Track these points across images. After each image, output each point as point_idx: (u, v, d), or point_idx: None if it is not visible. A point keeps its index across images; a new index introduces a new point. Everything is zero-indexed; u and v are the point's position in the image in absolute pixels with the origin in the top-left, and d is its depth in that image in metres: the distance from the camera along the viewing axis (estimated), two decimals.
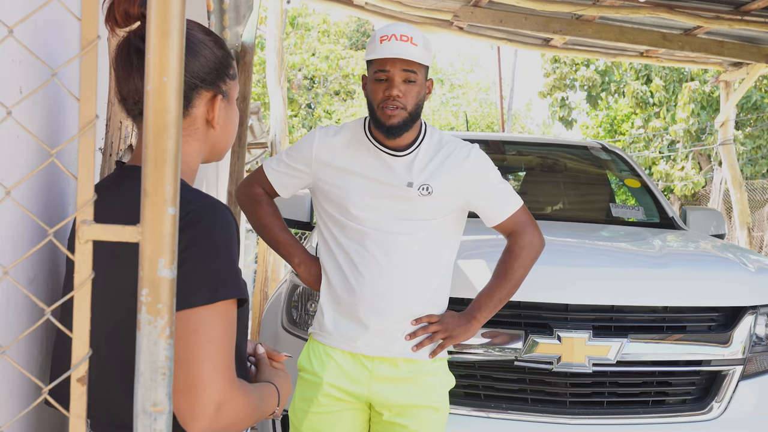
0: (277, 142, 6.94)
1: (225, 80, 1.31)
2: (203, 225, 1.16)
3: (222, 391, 1.11)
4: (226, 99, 1.32)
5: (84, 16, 0.82)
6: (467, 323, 2.14)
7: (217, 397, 1.11)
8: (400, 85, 2.02)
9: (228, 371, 1.13)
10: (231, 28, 4.98)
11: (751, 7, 5.64)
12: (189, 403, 1.10)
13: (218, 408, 1.11)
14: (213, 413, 1.11)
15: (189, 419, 1.10)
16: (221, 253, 1.16)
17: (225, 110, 1.32)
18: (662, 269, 2.67)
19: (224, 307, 1.14)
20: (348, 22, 21.11)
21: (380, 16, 6.65)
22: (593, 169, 4.48)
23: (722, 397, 2.49)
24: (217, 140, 1.34)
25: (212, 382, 1.10)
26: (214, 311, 1.13)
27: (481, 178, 2.14)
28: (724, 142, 8.42)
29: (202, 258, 1.14)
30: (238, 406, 1.15)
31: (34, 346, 1.26)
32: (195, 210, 1.16)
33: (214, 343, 1.12)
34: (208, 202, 1.19)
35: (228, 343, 1.15)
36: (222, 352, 1.13)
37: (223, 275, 1.15)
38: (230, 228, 1.19)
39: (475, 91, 25.55)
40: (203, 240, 1.15)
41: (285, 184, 2.21)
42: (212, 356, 1.11)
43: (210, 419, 1.11)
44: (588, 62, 16.79)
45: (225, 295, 1.14)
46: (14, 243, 1.14)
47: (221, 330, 1.13)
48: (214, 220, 1.17)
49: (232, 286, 1.16)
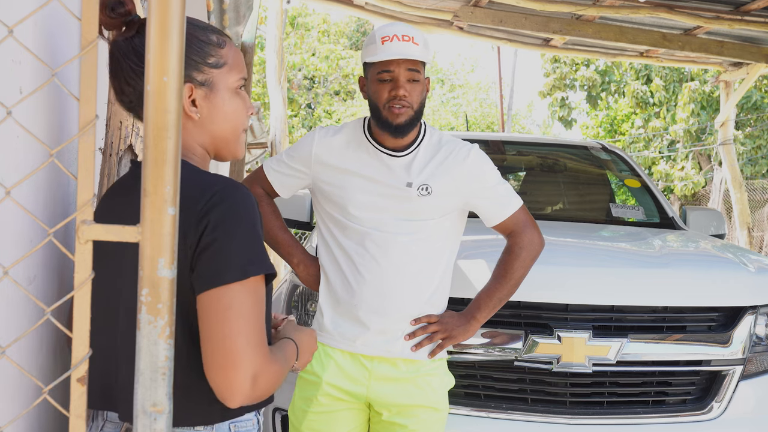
0: (277, 142, 6.94)
1: (201, 69, 1.30)
2: (229, 205, 1.20)
3: (257, 363, 1.16)
4: (206, 88, 1.31)
5: (84, 16, 0.83)
6: (467, 323, 2.14)
7: (253, 369, 1.16)
8: (405, 84, 2.03)
9: (261, 345, 1.18)
10: (231, 28, 4.98)
11: (751, 7, 5.64)
12: (226, 378, 1.15)
13: (254, 380, 1.16)
14: (250, 386, 1.16)
15: (227, 393, 1.16)
16: (249, 231, 1.20)
17: (208, 99, 1.31)
18: (662, 269, 2.67)
19: (255, 283, 1.19)
20: (348, 22, 21.11)
21: (380, 16, 6.65)
22: (593, 169, 4.48)
23: (722, 397, 2.49)
24: (211, 131, 1.33)
25: (247, 356, 1.15)
26: (245, 287, 1.17)
27: (480, 178, 2.14)
28: (724, 142, 8.42)
29: (231, 236, 1.18)
30: (271, 374, 1.20)
31: (34, 346, 1.26)
32: (220, 191, 1.21)
33: (246, 318, 1.16)
34: (231, 182, 1.24)
35: (259, 317, 1.19)
36: (255, 326, 1.17)
37: (251, 252, 1.19)
38: (254, 207, 1.23)
39: (475, 91, 25.55)
40: (230, 219, 1.19)
41: (285, 184, 2.21)
42: (246, 331, 1.16)
43: (247, 391, 1.16)
44: (588, 62, 16.80)
45: (255, 271, 1.18)
46: (14, 243, 1.14)
47: (253, 305, 1.18)
48: (239, 199, 1.21)
49: (261, 263, 1.20)
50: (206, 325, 1.16)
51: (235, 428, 1.29)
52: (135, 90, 1.28)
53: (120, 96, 1.31)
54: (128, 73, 1.27)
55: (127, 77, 1.27)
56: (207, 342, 1.16)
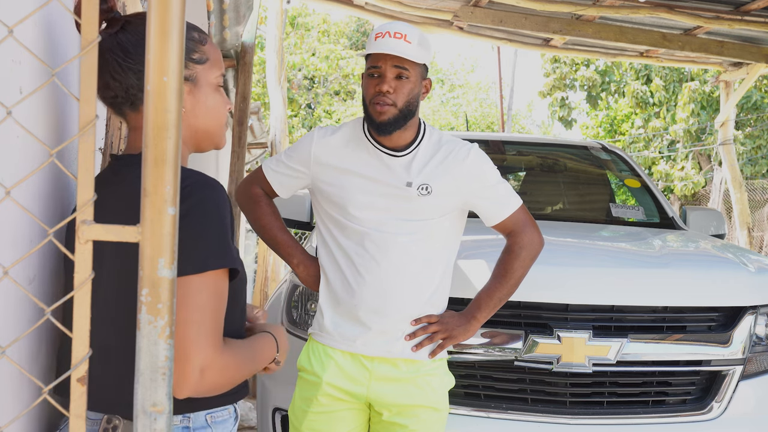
0: (277, 142, 6.94)
1: (186, 65, 1.31)
2: (198, 198, 1.20)
3: (206, 356, 1.16)
4: (191, 83, 1.32)
5: (84, 16, 0.83)
6: (467, 323, 2.13)
7: (202, 362, 1.15)
8: (390, 81, 2.01)
9: (213, 337, 1.17)
10: (231, 28, 4.98)
11: (751, 7, 5.64)
12: (175, 369, 1.13)
13: (201, 373, 1.15)
14: (197, 378, 1.15)
15: (174, 384, 1.14)
16: (214, 224, 1.20)
17: (192, 94, 1.33)
18: (662, 269, 2.67)
19: (214, 276, 1.19)
20: (348, 22, 21.10)
21: (380, 16, 6.65)
22: (593, 169, 4.48)
23: (722, 397, 2.49)
24: (193, 125, 1.35)
25: (197, 348, 1.15)
26: (203, 280, 1.17)
27: (480, 177, 2.13)
28: (724, 142, 8.42)
29: (196, 229, 1.18)
30: (223, 369, 1.19)
31: (34, 346, 1.26)
32: (191, 185, 1.21)
33: (201, 311, 1.16)
34: (203, 178, 1.24)
35: (216, 310, 1.19)
36: (209, 319, 1.17)
37: (214, 246, 1.19)
38: (224, 203, 1.23)
39: (475, 91, 25.55)
40: (197, 212, 1.19)
41: (284, 185, 2.21)
42: (199, 323, 1.16)
43: (194, 384, 1.15)
44: (588, 62, 16.79)
45: (215, 265, 1.18)
46: (14, 243, 1.14)
47: (209, 298, 1.18)
48: (208, 194, 1.22)
49: (223, 257, 1.20)
50: None
51: (211, 418, 1.29)
52: (121, 85, 1.29)
53: (104, 92, 1.31)
54: (114, 67, 1.28)
55: (113, 72, 1.28)
56: None
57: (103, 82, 1.29)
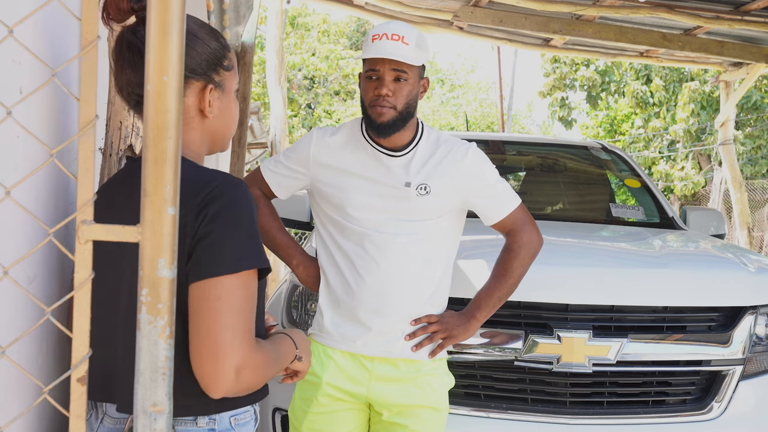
0: (277, 142, 6.94)
1: (218, 71, 1.35)
2: (228, 199, 1.23)
3: (242, 356, 1.18)
4: (220, 89, 1.36)
5: (84, 16, 0.83)
6: (467, 323, 2.13)
7: (237, 362, 1.17)
8: (389, 84, 2.01)
9: (248, 337, 1.19)
10: (231, 28, 4.98)
11: (751, 7, 5.64)
12: (211, 369, 1.16)
13: (238, 373, 1.17)
14: (233, 378, 1.17)
15: (211, 384, 1.17)
16: (245, 225, 1.22)
17: (220, 100, 1.37)
18: (662, 269, 2.67)
19: (246, 277, 1.21)
20: (348, 22, 21.10)
21: (380, 16, 6.65)
22: (593, 169, 4.48)
23: (722, 397, 2.49)
24: (214, 129, 1.39)
25: (233, 348, 1.17)
26: (237, 280, 1.19)
27: (479, 176, 2.13)
28: (724, 142, 8.42)
29: (227, 230, 1.20)
30: (256, 368, 1.22)
31: (34, 346, 1.26)
32: (219, 185, 1.23)
33: (235, 311, 1.18)
34: (230, 178, 1.27)
35: (249, 310, 1.21)
36: (243, 319, 1.19)
37: (245, 246, 1.22)
38: (252, 203, 1.26)
39: (475, 91, 25.55)
40: (228, 213, 1.21)
41: (282, 186, 2.21)
42: (233, 323, 1.17)
43: (231, 384, 1.17)
44: (588, 62, 16.79)
45: (248, 265, 1.21)
46: (14, 243, 1.14)
47: (243, 298, 1.20)
48: (238, 194, 1.24)
49: (254, 257, 1.22)
50: (195, 315, 1.18)
51: (235, 421, 1.30)
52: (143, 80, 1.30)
53: (132, 89, 1.31)
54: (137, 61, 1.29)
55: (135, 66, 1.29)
56: (194, 332, 1.18)
57: (136, 81, 1.30)
